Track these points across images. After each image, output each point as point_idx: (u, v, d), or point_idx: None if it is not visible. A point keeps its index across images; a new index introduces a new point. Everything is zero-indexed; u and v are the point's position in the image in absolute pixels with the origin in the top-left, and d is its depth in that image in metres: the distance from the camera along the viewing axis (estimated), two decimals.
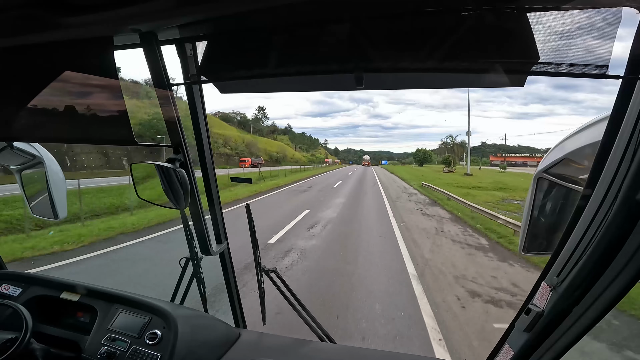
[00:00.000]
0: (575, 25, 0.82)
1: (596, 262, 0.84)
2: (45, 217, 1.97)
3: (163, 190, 1.45)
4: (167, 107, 1.32)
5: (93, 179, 19.12)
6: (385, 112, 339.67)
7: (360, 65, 1.04)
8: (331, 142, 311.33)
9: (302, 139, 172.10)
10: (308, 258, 7.29)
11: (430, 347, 3.93)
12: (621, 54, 0.79)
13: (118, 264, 6.98)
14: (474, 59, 0.93)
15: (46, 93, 1.25)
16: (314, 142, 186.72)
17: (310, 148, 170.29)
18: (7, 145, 1.72)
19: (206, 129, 1.50)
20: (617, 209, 0.78)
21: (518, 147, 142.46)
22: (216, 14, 0.96)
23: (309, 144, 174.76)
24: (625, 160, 0.77)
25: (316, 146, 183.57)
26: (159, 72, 1.24)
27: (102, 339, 1.48)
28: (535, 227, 1.51)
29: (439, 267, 7.00)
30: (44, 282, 1.75)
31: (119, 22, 0.99)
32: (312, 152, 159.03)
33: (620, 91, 0.83)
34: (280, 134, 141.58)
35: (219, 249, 1.76)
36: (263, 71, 1.16)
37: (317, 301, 5.00)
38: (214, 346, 1.53)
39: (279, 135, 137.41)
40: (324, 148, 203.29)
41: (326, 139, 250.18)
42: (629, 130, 0.77)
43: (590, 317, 0.88)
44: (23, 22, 0.97)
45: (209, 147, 1.56)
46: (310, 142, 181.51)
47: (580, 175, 1.29)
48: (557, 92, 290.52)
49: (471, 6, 0.87)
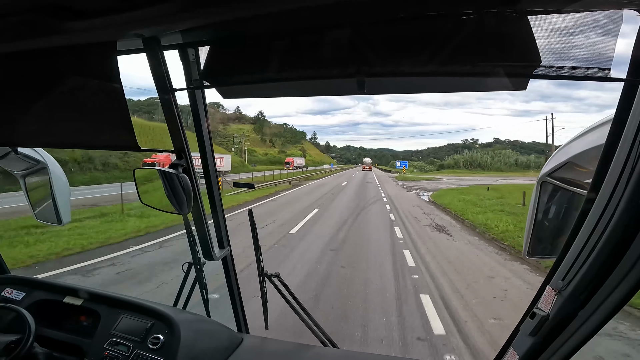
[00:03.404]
0: (576, 28, 0.82)
1: (601, 265, 0.83)
2: (49, 223, 1.97)
3: (166, 195, 1.45)
4: (170, 112, 1.32)
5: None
6: (386, 110, 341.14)
7: (362, 70, 1.04)
8: (331, 140, 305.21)
9: (281, 132, 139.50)
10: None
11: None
12: (623, 56, 0.79)
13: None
14: (476, 62, 0.93)
15: (50, 98, 1.26)
16: (298, 135, 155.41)
17: (289, 143, 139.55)
18: (11, 150, 1.73)
19: (208, 134, 1.51)
20: (621, 212, 0.77)
21: (534, 144, 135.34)
22: (219, 19, 0.97)
23: (289, 138, 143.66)
24: (629, 163, 0.76)
25: (298, 141, 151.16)
26: (161, 77, 1.25)
27: (104, 343, 1.48)
28: (539, 231, 1.51)
29: None
30: (47, 286, 1.75)
31: (122, 27, 1.00)
32: (283, 149, 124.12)
33: (623, 94, 0.83)
34: (246, 123, 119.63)
35: (221, 254, 1.75)
36: (265, 76, 1.17)
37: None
38: (216, 351, 1.52)
39: (243, 124, 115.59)
40: (313, 144, 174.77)
41: (315, 131, 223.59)
42: (632, 133, 0.77)
43: (596, 320, 0.87)
44: (27, 27, 0.98)
45: (212, 152, 1.56)
46: (293, 135, 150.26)
47: (584, 179, 1.28)
48: (559, 90, 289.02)
49: (472, 10, 0.87)
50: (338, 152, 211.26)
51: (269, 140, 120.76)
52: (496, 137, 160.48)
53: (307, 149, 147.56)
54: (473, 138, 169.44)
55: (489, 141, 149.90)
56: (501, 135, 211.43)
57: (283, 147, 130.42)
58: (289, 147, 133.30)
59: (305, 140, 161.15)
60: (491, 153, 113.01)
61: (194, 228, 1.68)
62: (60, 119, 1.31)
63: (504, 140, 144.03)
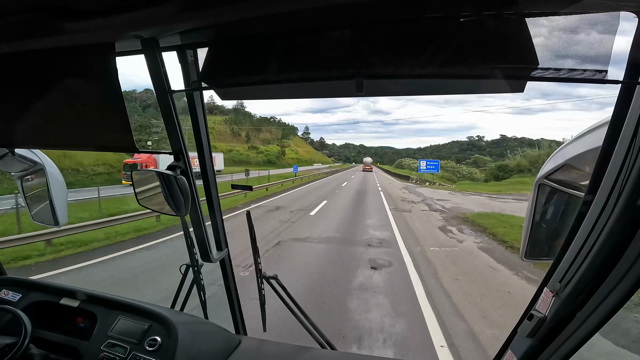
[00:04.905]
0: (573, 30, 0.82)
1: (598, 267, 0.83)
2: (46, 224, 1.97)
3: (164, 197, 1.45)
4: (168, 114, 1.32)
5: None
6: (386, 108, 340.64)
7: (361, 72, 1.04)
8: (331, 139, 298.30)
9: (264, 125, 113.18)
10: None
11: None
12: (620, 58, 0.80)
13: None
14: (474, 65, 0.93)
15: (48, 99, 1.26)
16: (287, 129, 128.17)
17: (275, 137, 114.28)
18: (9, 151, 1.72)
19: (207, 136, 1.51)
20: (618, 215, 0.78)
21: (542, 141, 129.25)
22: (217, 20, 0.97)
23: (274, 132, 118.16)
24: (626, 166, 0.77)
25: (286, 135, 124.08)
26: (160, 79, 1.25)
27: (101, 345, 1.47)
28: (536, 233, 1.51)
29: None
30: (43, 288, 1.75)
31: (121, 28, 1.00)
32: (255, 144, 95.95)
33: (620, 96, 0.84)
34: (218, 114, 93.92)
35: (219, 256, 1.75)
36: (264, 78, 1.17)
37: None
38: (214, 353, 1.52)
39: (215, 115, 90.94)
40: (306, 141, 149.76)
41: (307, 125, 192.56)
42: (629, 136, 0.77)
43: (593, 322, 0.87)
44: (25, 28, 0.98)
45: (210, 154, 1.56)
46: (281, 129, 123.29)
47: (582, 181, 1.29)
48: (560, 88, 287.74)
49: (470, 12, 0.87)
50: (336, 150, 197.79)
51: (244, 134, 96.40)
52: (502, 134, 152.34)
53: (297, 145, 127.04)
54: (478, 135, 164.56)
55: (496, 138, 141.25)
56: (503, 132, 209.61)
57: (262, 142, 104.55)
58: (268, 143, 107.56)
59: (295, 136, 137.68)
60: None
61: (192, 230, 1.68)
62: (57, 120, 1.31)
63: (511, 137, 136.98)
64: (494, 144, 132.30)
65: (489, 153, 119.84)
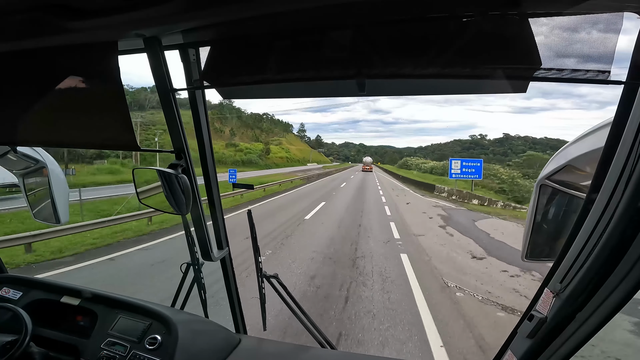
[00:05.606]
0: (576, 31, 0.82)
1: (599, 268, 0.83)
2: (47, 222, 1.97)
3: (165, 196, 1.45)
4: (170, 112, 1.32)
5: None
6: (386, 107, 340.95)
7: (363, 72, 1.04)
8: (331, 138, 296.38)
9: (255, 122, 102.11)
10: None
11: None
12: (623, 59, 0.80)
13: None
14: (476, 65, 0.93)
15: (50, 97, 1.26)
16: (280, 126, 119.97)
17: (264, 133, 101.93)
18: (11, 149, 1.73)
19: (208, 135, 1.51)
20: (620, 216, 0.78)
21: (547, 139, 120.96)
22: (220, 19, 0.97)
23: (265, 129, 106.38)
24: (627, 167, 0.76)
25: (278, 134, 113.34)
26: (162, 77, 1.25)
27: (101, 343, 1.47)
28: (537, 234, 1.51)
29: None
30: (44, 286, 1.75)
31: (123, 27, 1.00)
32: (233, 141, 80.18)
33: (623, 96, 0.83)
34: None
35: (220, 255, 1.75)
36: (266, 77, 1.16)
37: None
38: (214, 352, 1.52)
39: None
40: (303, 140, 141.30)
41: (302, 123, 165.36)
42: (631, 136, 0.77)
43: (594, 323, 0.87)
44: (28, 26, 0.99)
45: (211, 153, 1.56)
46: (274, 126, 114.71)
47: (583, 182, 1.29)
48: (560, 87, 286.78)
49: (473, 12, 0.87)
50: (336, 149, 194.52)
51: (228, 130, 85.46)
52: (506, 133, 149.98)
53: (290, 143, 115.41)
54: (481, 134, 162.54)
55: (499, 137, 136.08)
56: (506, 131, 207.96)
57: (250, 140, 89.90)
58: (257, 140, 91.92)
59: (288, 133, 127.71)
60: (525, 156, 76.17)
61: (193, 229, 1.68)
62: (60, 118, 1.31)
63: (515, 135, 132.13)
64: (497, 143, 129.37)
65: (493, 152, 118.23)
